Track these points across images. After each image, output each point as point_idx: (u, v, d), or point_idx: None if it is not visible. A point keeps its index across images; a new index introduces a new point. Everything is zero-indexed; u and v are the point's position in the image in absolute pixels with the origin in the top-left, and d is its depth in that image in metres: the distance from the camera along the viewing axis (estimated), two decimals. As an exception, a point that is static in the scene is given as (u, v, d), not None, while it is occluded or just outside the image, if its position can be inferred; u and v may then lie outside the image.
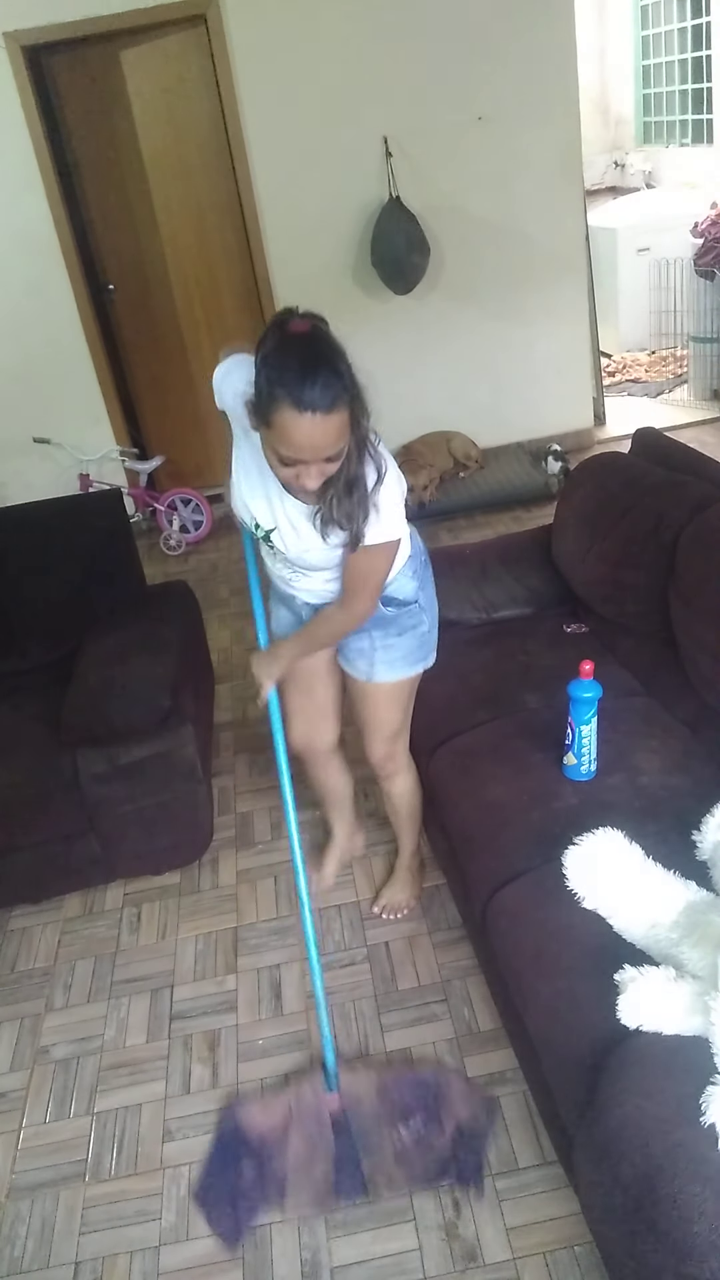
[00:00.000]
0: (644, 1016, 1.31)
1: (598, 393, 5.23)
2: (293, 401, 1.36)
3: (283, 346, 1.39)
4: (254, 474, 1.67)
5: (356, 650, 1.92)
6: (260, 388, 1.39)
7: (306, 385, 1.35)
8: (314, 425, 1.37)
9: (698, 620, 2.02)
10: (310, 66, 4.18)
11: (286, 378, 1.35)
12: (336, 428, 1.41)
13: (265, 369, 1.38)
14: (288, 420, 1.38)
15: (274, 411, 1.38)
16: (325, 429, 1.39)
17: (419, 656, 1.94)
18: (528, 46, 4.26)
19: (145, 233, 4.64)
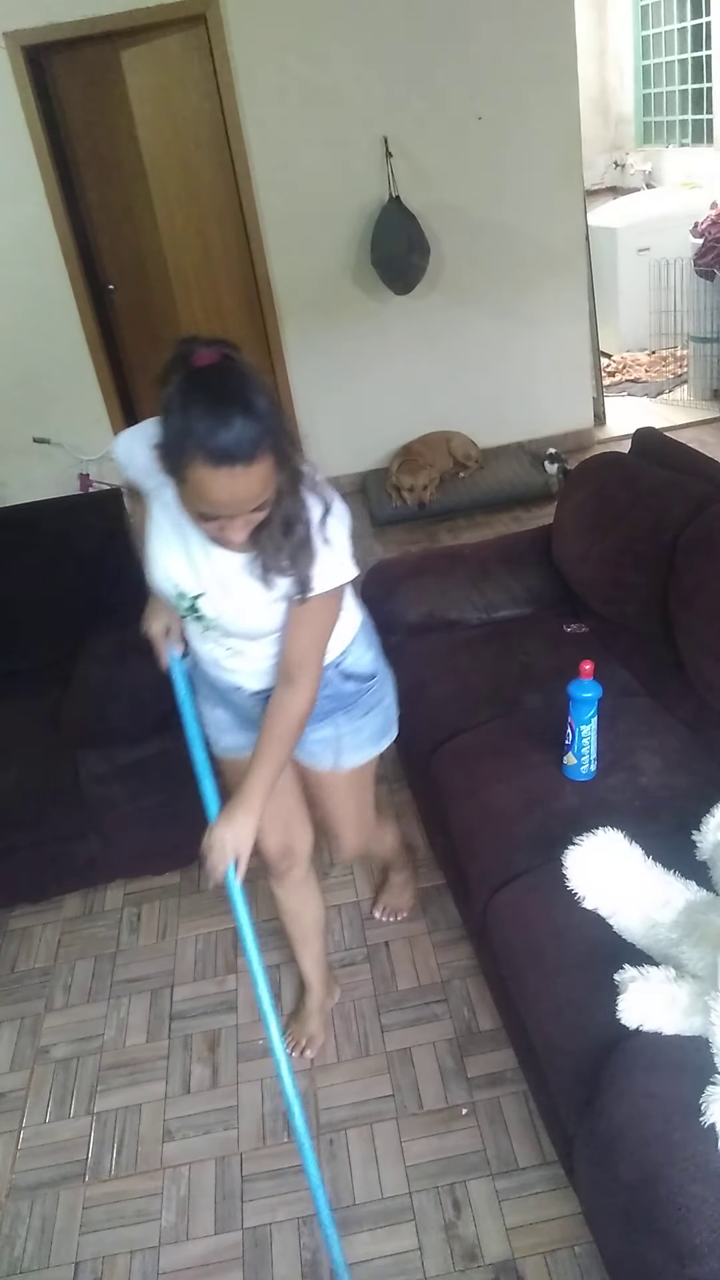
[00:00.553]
0: (644, 1016, 1.31)
1: (598, 393, 5.22)
2: (206, 455, 1.16)
3: (188, 386, 1.19)
4: (169, 533, 1.43)
5: (319, 741, 1.67)
6: (168, 439, 1.20)
7: (220, 433, 1.15)
8: (234, 479, 1.18)
9: (698, 620, 2.02)
10: (310, 66, 4.18)
11: (196, 427, 1.16)
12: (260, 477, 1.21)
13: (171, 415, 1.20)
14: (203, 477, 1.18)
15: (186, 467, 1.19)
16: (248, 481, 1.20)
17: (385, 731, 1.75)
18: (528, 46, 4.25)
19: (145, 233, 4.64)
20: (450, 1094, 1.87)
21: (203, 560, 1.42)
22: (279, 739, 1.50)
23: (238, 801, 1.48)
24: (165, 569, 1.46)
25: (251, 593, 1.40)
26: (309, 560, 1.35)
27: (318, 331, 4.68)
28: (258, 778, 1.48)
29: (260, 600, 1.41)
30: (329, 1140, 1.83)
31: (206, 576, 1.43)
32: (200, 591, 1.44)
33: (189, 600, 1.46)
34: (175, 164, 4.50)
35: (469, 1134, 1.80)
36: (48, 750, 2.33)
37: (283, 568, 1.35)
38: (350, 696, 1.65)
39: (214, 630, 1.49)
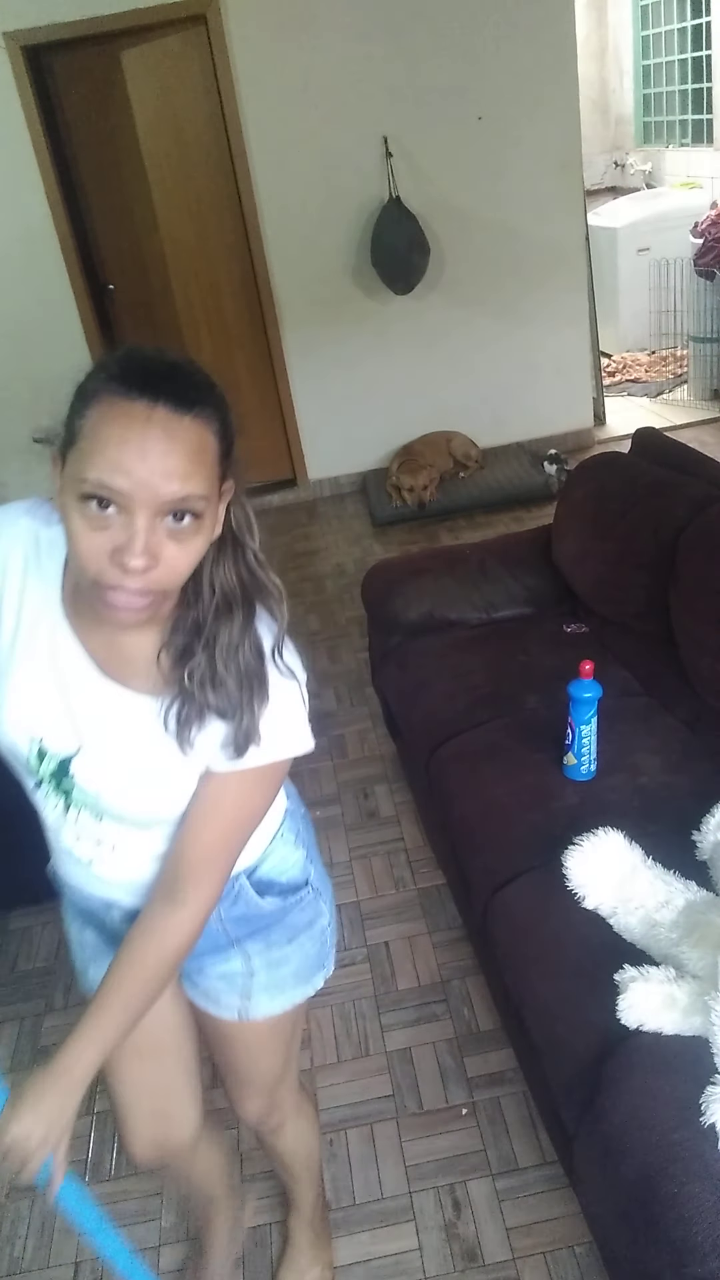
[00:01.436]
0: (644, 1016, 1.31)
1: (598, 393, 5.23)
2: (121, 386, 0.80)
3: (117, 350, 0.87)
4: (38, 653, 0.97)
5: (222, 978, 1.20)
6: (71, 404, 0.84)
7: (150, 370, 0.82)
8: (149, 426, 0.79)
9: (698, 620, 2.02)
10: (310, 66, 4.18)
11: (115, 364, 0.83)
12: (192, 447, 0.81)
13: (83, 379, 0.85)
14: (110, 416, 0.80)
15: (87, 410, 0.81)
16: (170, 440, 0.80)
17: (318, 964, 1.25)
18: (528, 46, 4.26)
19: (145, 232, 4.64)
20: (450, 1094, 1.87)
21: (85, 699, 0.96)
22: (139, 979, 1.01)
23: (53, 1069, 0.98)
24: (21, 707, 0.98)
25: (157, 754, 0.95)
26: (259, 700, 0.92)
27: (318, 331, 4.69)
28: (93, 1032, 0.99)
29: (169, 767, 0.96)
30: (329, 1140, 1.83)
31: (87, 724, 0.97)
32: (74, 749, 0.98)
33: (53, 762, 0.99)
34: (175, 164, 4.50)
35: (469, 1134, 1.80)
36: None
37: (219, 710, 0.91)
38: (268, 917, 1.17)
39: (85, 811, 1.02)
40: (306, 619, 3.80)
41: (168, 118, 4.42)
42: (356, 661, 3.29)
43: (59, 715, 0.98)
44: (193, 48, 4.21)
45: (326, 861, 2.44)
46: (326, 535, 4.65)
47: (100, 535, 0.82)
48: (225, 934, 1.16)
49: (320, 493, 5.08)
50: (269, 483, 5.11)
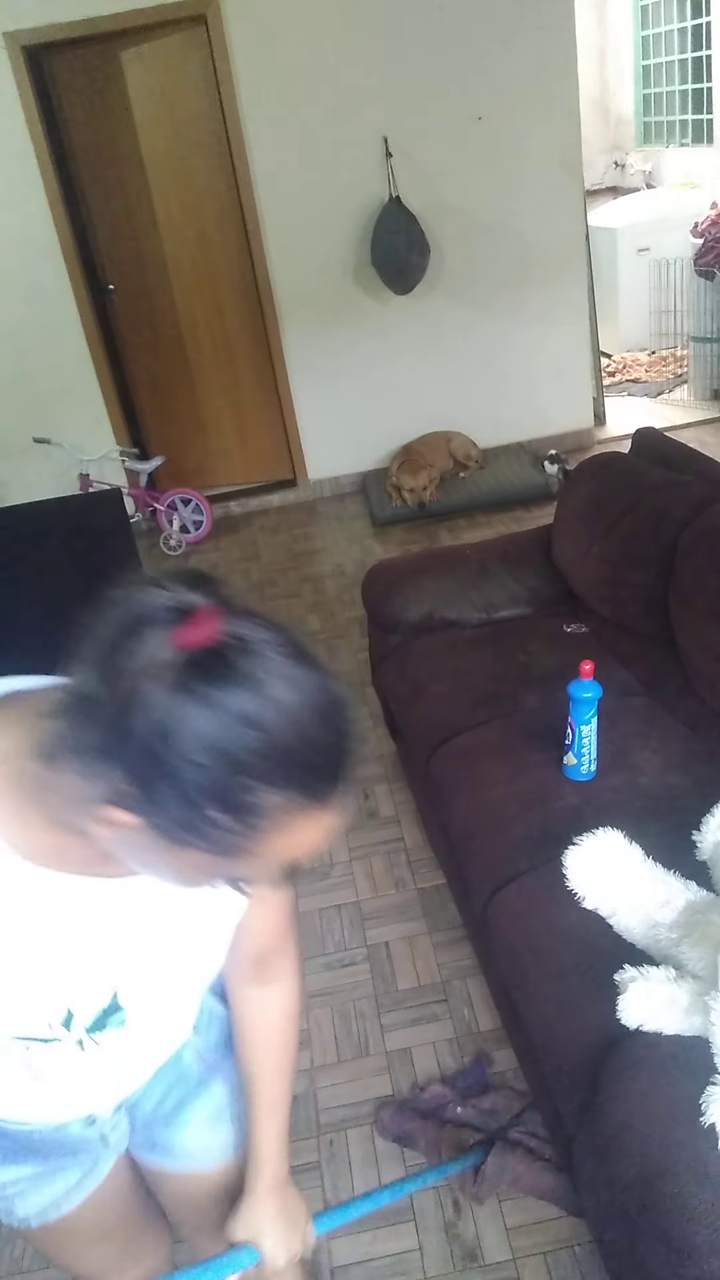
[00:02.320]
0: (644, 1016, 1.31)
1: (598, 393, 5.23)
2: (308, 791, 0.64)
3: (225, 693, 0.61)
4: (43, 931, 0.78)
5: (209, 1119, 1.10)
6: (210, 787, 0.61)
7: (337, 760, 0.66)
8: (331, 816, 0.67)
9: (698, 620, 2.02)
10: (310, 66, 4.18)
11: (299, 773, 0.63)
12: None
13: (205, 753, 0.60)
14: (297, 823, 0.65)
15: (264, 819, 0.63)
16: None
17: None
18: (528, 46, 4.26)
19: (145, 233, 4.64)
20: (450, 1094, 1.87)
21: (129, 928, 0.83)
22: (281, 1059, 1.03)
23: (274, 1183, 1.04)
24: (35, 992, 0.82)
25: (212, 917, 0.89)
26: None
27: (317, 331, 4.69)
28: (279, 1131, 1.04)
29: (223, 921, 0.91)
30: (329, 1140, 1.83)
31: (135, 952, 0.85)
32: (111, 992, 0.86)
33: (88, 1017, 0.86)
34: (175, 164, 4.50)
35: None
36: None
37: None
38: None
39: (110, 1030, 0.88)
40: (306, 619, 3.80)
41: (168, 118, 4.42)
42: (356, 661, 3.29)
43: (94, 969, 0.83)
44: (193, 48, 4.21)
45: (328, 861, 2.45)
46: (326, 535, 4.65)
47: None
48: (205, 1065, 1.08)
49: (320, 493, 5.08)
50: (269, 483, 5.12)
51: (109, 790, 0.62)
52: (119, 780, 0.62)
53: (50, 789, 0.68)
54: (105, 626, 0.64)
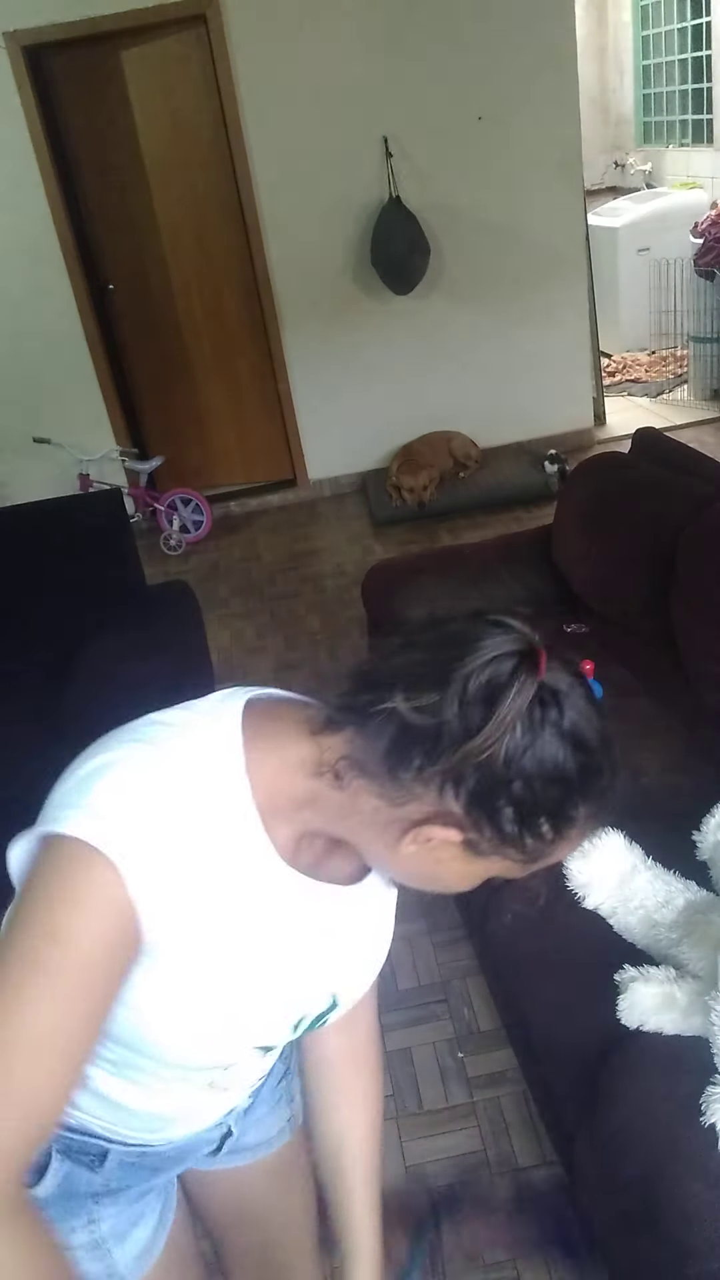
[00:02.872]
0: (644, 1016, 1.31)
1: (598, 393, 5.23)
2: (599, 804, 0.74)
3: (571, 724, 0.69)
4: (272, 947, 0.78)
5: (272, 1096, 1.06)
6: (546, 804, 0.69)
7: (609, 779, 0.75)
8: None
9: (698, 620, 2.02)
10: (310, 66, 4.18)
11: (599, 779, 0.73)
12: None
13: (549, 774, 0.68)
14: (580, 831, 0.74)
15: (574, 829, 0.72)
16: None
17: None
18: (528, 46, 4.26)
19: (145, 233, 4.64)
20: (450, 1094, 1.87)
21: (355, 931, 0.87)
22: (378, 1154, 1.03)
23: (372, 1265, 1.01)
24: (287, 997, 0.83)
25: (391, 906, 0.92)
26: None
27: (318, 331, 4.69)
28: (374, 1226, 1.02)
29: (392, 906, 0.93)
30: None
31: (355, 953, 0.89)
32: (330, 996, 0.87)
33: (308, 1021, 0.87)
34: (175, 164, 4.50)
35: (469, 1134, 1.79)
36: (47, 751, 2.33)
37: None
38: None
39: (311, 1033, 0.90)
40: (307, 619, 3.79)
41: (168, 118, 4.42)
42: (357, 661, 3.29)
43: (313, 976, 0.84)
44: (193, 48, 4.21)
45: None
46: (326, 535, 4.65)
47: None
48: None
49: (320, 493, 5.08)
50: (269, 483, 5.12)
51: (434, 810, 0.68)
52: (452, 802, 0.67)
53: (347, 805, 0.72)
54: (451, 657, 0.68)
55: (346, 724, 0.71)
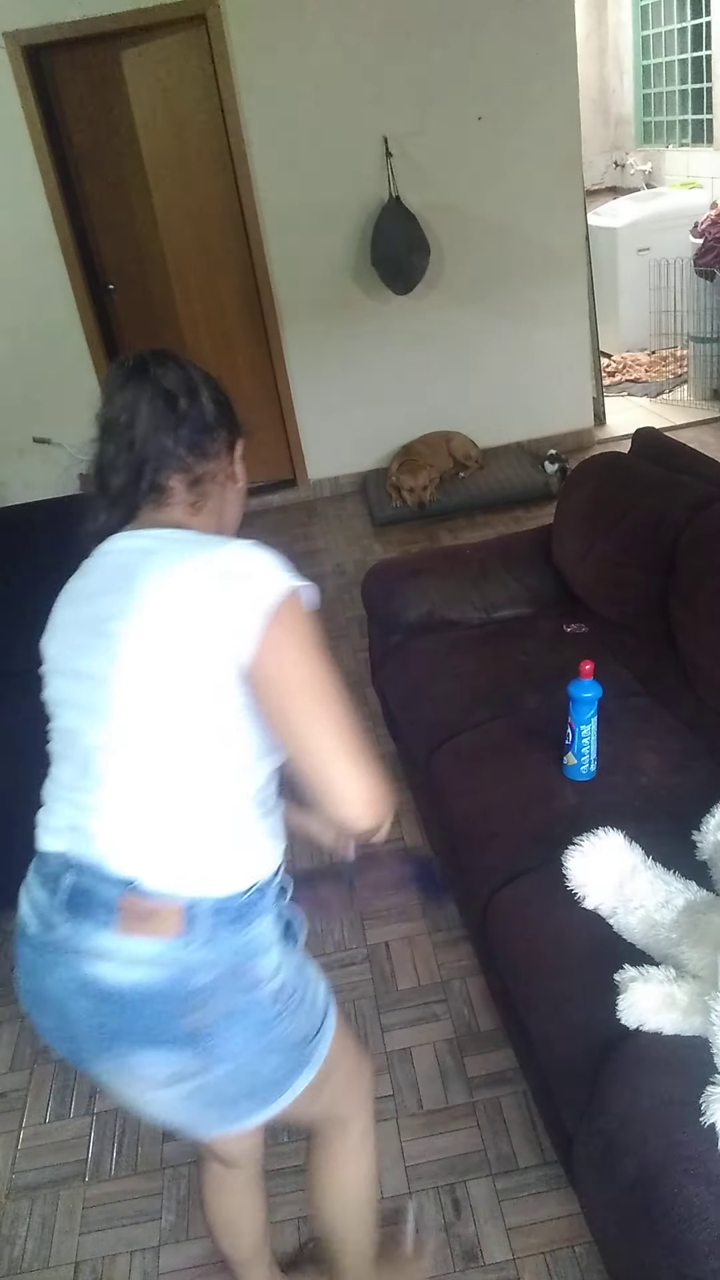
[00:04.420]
0: (644, 1016, 1.31)
1: (598, 393, 5.23)
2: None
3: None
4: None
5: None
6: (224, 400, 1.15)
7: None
8: None
9: (698, 620, 2.02)
10: (310, 66, 4.18)
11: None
12: None
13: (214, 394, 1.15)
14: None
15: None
16: None
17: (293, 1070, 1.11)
18: (528, 46, 4.26)
19: (145, 233, 4.64)
20: (450, 1094, 1.87)
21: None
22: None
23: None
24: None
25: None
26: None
27: (318, 331, 4.69)
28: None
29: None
30: (329, 1140, 1.83)
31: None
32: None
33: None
34: (175, 163, 4.50)
35: (469, 1134, 1.80)
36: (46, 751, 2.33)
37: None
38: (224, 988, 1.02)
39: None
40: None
41: (168, 118, 4.42)
42: (356, 661, 3.29)
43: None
44: (193, 48, 4.21)
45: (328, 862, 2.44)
46: (326, 535, 4.65)
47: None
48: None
49: (320, 493, 5.08)
50: (269, 482, 5.12)
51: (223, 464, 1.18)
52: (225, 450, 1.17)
53: (213, 509, 1.17)
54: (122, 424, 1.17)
55: (171, 496, 1.13)
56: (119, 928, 0.98)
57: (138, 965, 0.98)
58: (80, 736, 1.04)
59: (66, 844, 1.04)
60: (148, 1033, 0.99)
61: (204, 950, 0.99)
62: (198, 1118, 1.09)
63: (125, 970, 0.98)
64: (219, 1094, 1.04)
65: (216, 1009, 0.99)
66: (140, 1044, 0.99)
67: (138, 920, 0.98)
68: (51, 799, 1.10)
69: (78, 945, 0.99)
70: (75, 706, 1.06)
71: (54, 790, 1.10)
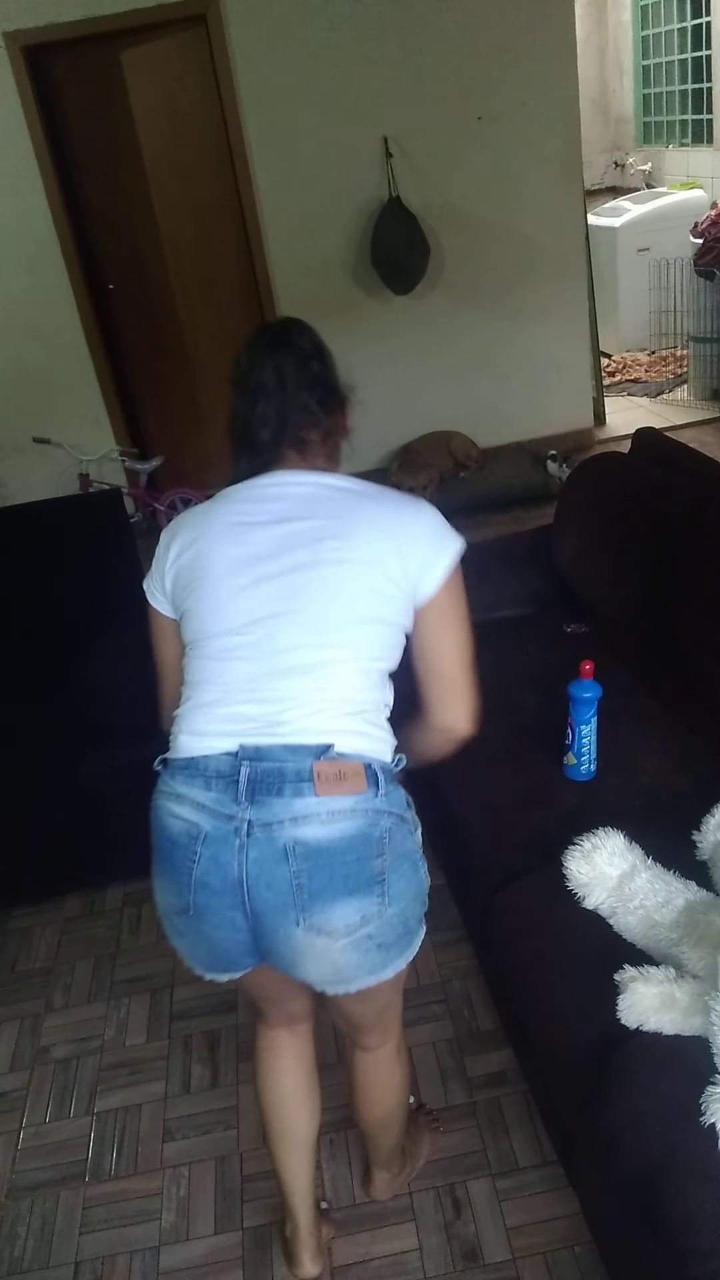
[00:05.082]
0: (644, 1016, 1.31)
1: (598, 393, 5.23)
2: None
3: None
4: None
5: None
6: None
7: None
8: None
9: (698, 620, 2.02)
10: (310, 66, 4.18)
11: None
12: None
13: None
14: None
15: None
16: None
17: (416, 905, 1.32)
18: (528, 46, 4.26)
19: (145, 233, 4.64)
20: (450, 1094, 1.87)
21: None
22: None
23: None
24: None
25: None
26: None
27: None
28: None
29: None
30: (329, 1140, 1.83)
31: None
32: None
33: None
34: (175, 164, 4.50)
35: (469, 1134, 1.80)
36: (48, 751, 2.33)
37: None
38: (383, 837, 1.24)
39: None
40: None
41: (168, 118, 4.42)
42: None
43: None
44: (193, 48, 4.21)
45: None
46: (326, 535, 4.64)
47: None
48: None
49: (320, 493, 5.07)
50: (269, 483, 5.11)
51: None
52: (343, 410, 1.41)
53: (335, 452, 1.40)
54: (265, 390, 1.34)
55: (311, 448, 1.35)
56: (318, 790, 1.17)
57: (338, 819, 1.18)
58: (273, 638, 1.21)
59: (235, 741, 1.20)
60: (345, 881, 1.18)
61: (384, 801, 1.22)
62: (362, 963, 1.25)
63: (328, 825, 1.17)
64: (384, 936, 1.24)
65: (394, 850, 1.23)
66: (337, 895, 1.18)
67: (334, 781, 1.18)
68: (215, 706, 1.24)
69: (272, 818, 1.17)
70: (276, 616, 1.22)
71: (219, 691, 1.24)
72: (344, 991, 1.29)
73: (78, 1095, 2.02)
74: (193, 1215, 1.74)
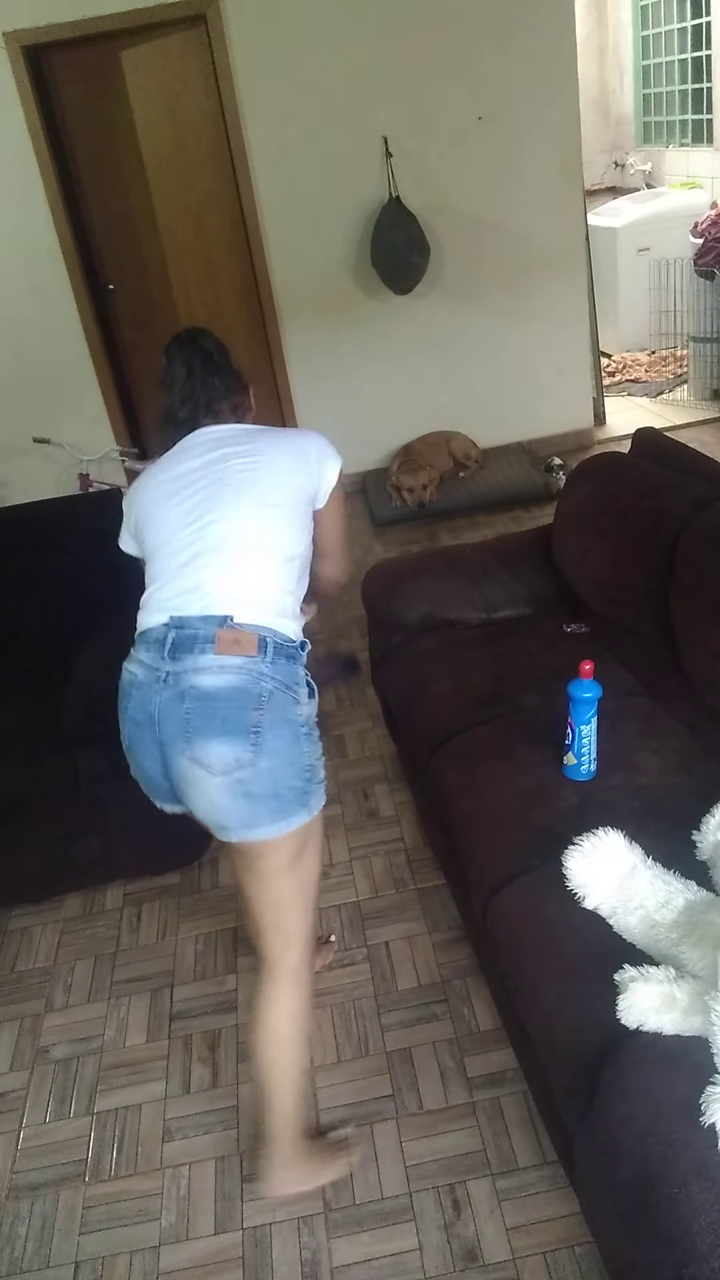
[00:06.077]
0: (644, 1016, 1.31)
1: (598, 393, 5.23)
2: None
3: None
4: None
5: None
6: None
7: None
8: None
9: (698, 620, 2.02)
10: (310, 66, 4.19)
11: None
12: None
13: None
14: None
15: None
16: None
17: (305, 789, 1.54)
18: (528, 46, 4.26)
19: (145, 233, 4.65)
20: (450, 1094, 1.88)
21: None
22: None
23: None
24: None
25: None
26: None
27: (318, 331, 4.69)
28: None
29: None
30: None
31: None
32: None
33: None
34: (175, 164, 4.50)
35: (469, 1134, 1.80)
36: (48, 750, 2.33)
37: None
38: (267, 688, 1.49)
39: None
40: (306, 619, 3.79)
41: (168, 118, 4.42)
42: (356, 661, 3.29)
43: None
44: (193, 48, 4.21)
45: (327, 862, 2.45)
46: (326, 535, 4.64)
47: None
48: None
49: (320, 493, 5.08)
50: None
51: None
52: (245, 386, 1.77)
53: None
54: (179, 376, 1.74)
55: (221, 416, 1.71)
56: (216, 650, 1.45)
57: (226, 672, 1.44)
58: (201, 536, 1.52)
59: (167, 615, 1.50)
60: (224, 723, 1.43)
61: (270, 667, 1.47)
62: (233, 809, 1.46)
63: (218, 676, 1.44)
64: (253, 786, 1.44)
65: (272, 712, 1.45)
66: (216, 733, 1.43)
67: (230, 644, 1.45)
68: (157, 591, 1.54)
69: (181, 669, 1.45)
70: (198, 518, 1.53)
71: (161, 581, 1.54)
72: (227, 839, 1.50)
73: (77, 1095, 2.02)
74: (193, 1215, 1.74)
